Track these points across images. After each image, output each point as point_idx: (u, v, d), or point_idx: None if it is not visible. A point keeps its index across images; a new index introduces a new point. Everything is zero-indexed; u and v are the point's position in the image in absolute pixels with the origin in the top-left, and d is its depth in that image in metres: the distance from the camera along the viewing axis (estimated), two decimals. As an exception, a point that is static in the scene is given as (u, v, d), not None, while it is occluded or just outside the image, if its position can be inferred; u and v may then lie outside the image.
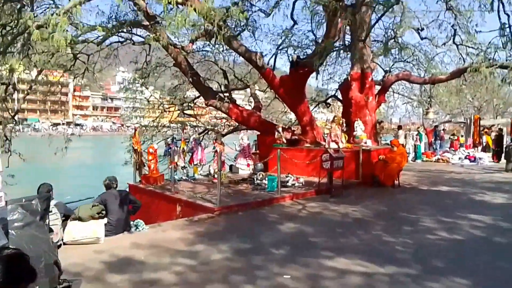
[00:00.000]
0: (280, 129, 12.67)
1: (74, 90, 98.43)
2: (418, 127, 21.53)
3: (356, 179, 11.00)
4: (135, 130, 10.08)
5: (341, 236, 5.92)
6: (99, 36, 10.33)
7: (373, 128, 13.06)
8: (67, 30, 5.70)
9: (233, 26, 11.05)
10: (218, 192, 7.57)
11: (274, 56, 13.97)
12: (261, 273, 4.40)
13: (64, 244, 5.39)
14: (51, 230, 4.31)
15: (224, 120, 18.30)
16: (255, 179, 9.67)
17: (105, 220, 5.81)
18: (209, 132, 17.61)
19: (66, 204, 5.97)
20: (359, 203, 8.42)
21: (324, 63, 16.69)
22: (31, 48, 9.28)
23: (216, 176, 10.57)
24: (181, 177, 10.83)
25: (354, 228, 6.41)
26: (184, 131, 12.04)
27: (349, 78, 13.34)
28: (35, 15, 8.10)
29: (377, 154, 11.30)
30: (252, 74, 16.41)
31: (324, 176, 9.84)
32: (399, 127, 19.41)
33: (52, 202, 5.36)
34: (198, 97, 15.63)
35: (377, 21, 12.12)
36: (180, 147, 10.75)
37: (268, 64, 14.24)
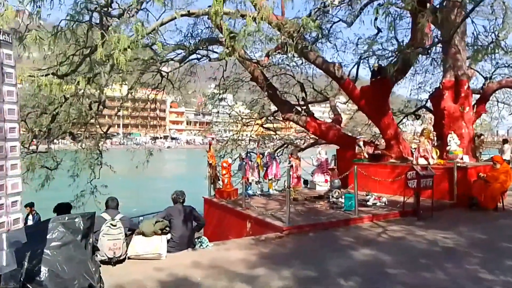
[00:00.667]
0: (361, 143, 11.82)
1: (171, 107, 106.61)
2: (529, 141, 18.66)
3: (450, 200, 9.70)
4: (210, 144, 10.13)
5: (424, 269, 5.05)
6: (179, 54, 10.69)
7: (470, 142, 11.50)
8: (130, 48, 5.86)
9: (309, 38, 10.64)
10: (287, 210, 7.11)
11: (356, 66, 13.23)
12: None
13: (129, 258, 5.40)
14: (96, 249, 4.27)
15: (304, 134, 17.82)
16: (330, 196, 9.01)
17: (169, 235, 5.73)
18: (288, 146, 17.30)
19: (132, 219, 6.00)
20: (451, 228, 7.30)
21: (413, 71, 15.45)
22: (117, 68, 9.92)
23: (291, 192, 10.17)
24: (255, 193, 10.59)
25: (442, 259, 5.47)
26: (259, 145, 11.83)
27: (441, 87, 12.01)
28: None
29: (476, 172, 9.85)
30: (333, 86, 15.78)
31: (410, 195, 8.82)
32: (505, 141, 16.95)
33: (118, 216, 5.43)
34: (277, 111, 15.44)
35: (464, 19, 10.67)
36: (254, 162, 10.54)
37: (349, 75, 13.55)
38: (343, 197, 8.76)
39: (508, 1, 13.45)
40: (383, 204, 9.28)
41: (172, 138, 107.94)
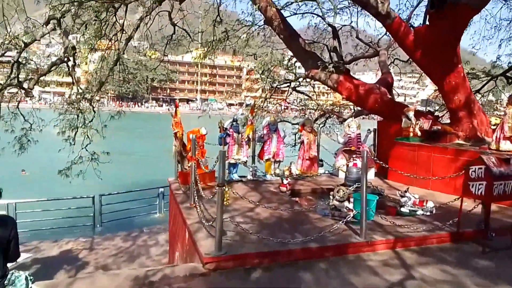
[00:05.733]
0: (410, 114, 7.93)
1: (247, 73, 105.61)
2: None
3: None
4: (176, 106, 7.10)
5: None
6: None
7: None
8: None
9: None
10: (218, 225, 3.88)
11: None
12: None
13: None
14: None
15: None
16: (331, 197, 5.51)
17: None
18: (331, 117, 13.68)
19: None
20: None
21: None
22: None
23: (284, 182, 6.87)
24: (242, 178, 7.46)
25: None
26: (253, 112, 8.41)
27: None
28: None
29: None
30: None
31: (478, 203, 5.10)
32: None
33: None
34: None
35: None
36: (243, 134, 7.36)
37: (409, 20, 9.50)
38: (351, 199, 5.26)
39: None
40: (429, 213, 5.64)
41: (247, 105, 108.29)
